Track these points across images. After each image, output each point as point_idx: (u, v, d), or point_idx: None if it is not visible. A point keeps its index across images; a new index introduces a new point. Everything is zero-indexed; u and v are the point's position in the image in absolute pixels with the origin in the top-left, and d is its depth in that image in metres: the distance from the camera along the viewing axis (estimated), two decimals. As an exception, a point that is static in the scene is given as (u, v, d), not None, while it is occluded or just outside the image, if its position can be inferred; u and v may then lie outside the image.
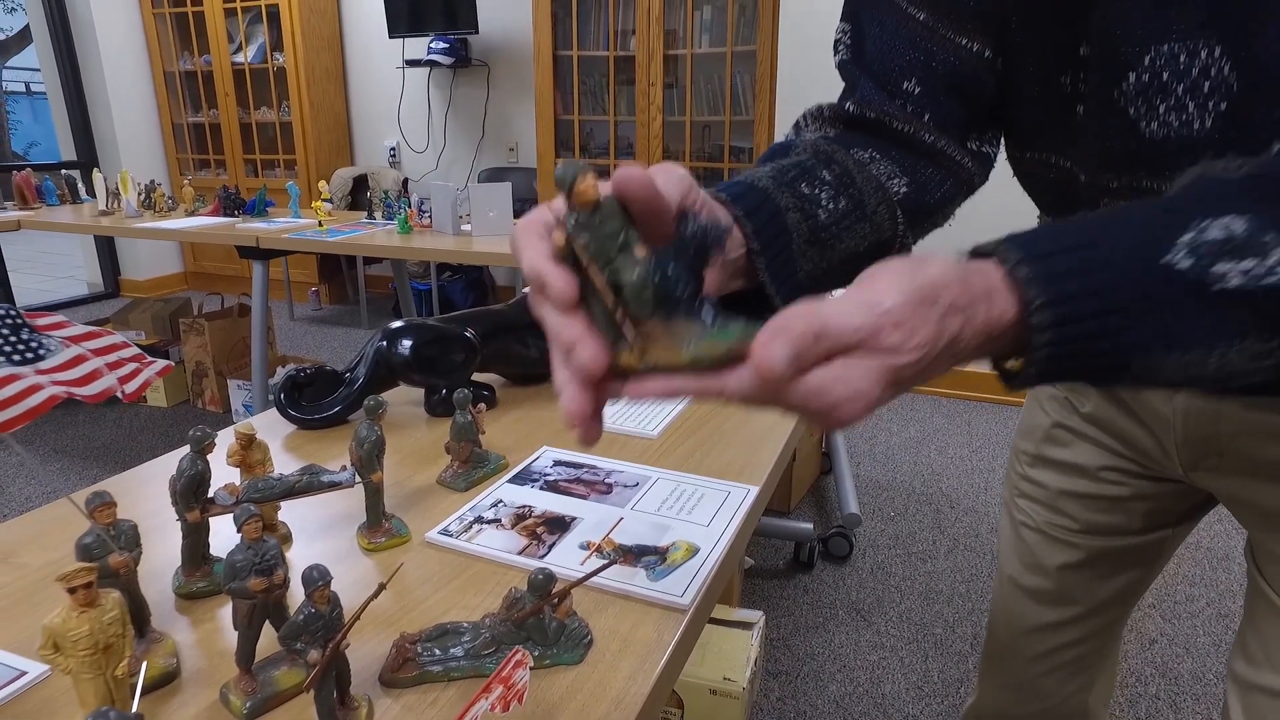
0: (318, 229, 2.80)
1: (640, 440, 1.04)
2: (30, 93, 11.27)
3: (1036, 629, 0.94)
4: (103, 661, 0.50)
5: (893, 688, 1.86)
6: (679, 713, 1.63)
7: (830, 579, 2.27)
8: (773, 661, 1.94)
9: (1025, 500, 0.93)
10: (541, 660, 0.61)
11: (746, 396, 0.36)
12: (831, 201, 0.58)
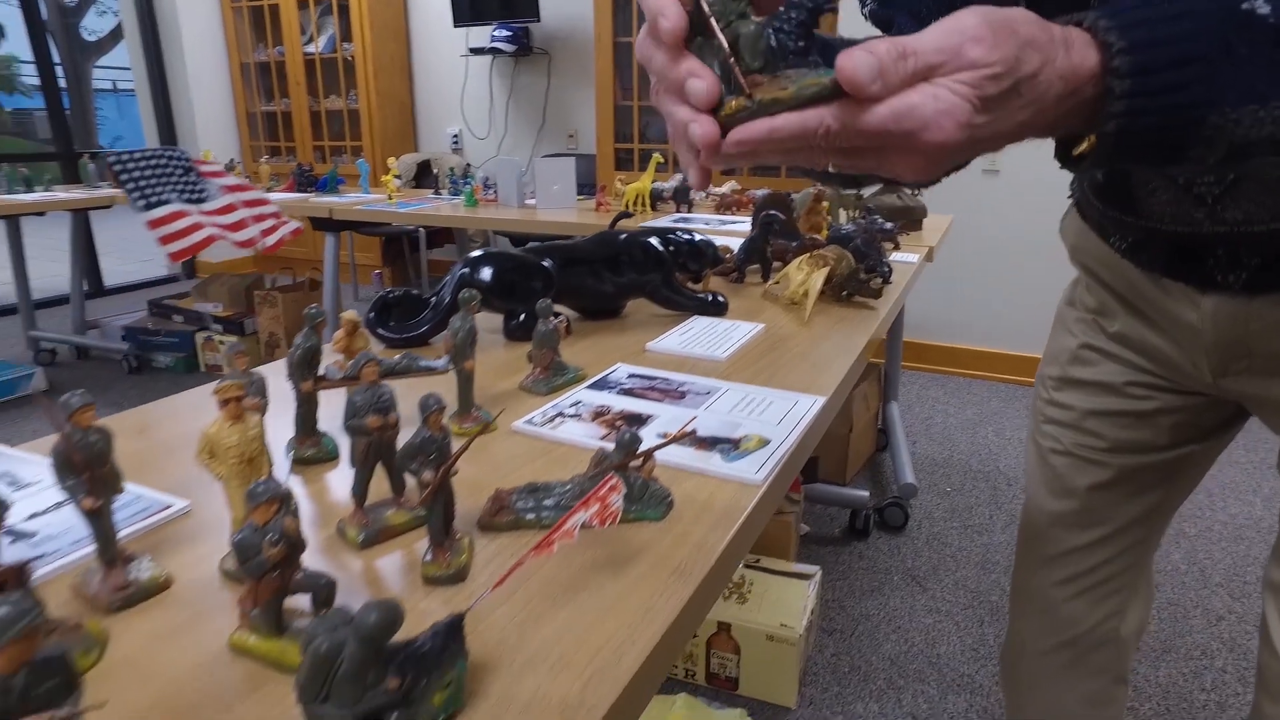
0: (387, 202, 2.91)
1: (709, 362, 1.08)
2: (116, 90, 11.83)
3: (1064, 553, 0.95)
4: (248, 473, 0.56)
5: (947, 649, 1.87)
6: (735, 659, 1.67)
7: (885, 547, 2.28)
8: (827, 620, 1.96)
9: (1052, 425, 0.95)
10: (626, 513, 0.66)
11: (843, 124, 0.38)
12: None
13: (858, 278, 1.41)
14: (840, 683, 1.76)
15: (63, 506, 0.68)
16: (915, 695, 1.73)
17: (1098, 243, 0.83)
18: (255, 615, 0.51)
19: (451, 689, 0.45)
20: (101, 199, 3.45)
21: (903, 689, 1.75)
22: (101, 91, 12.05)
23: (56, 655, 0.35)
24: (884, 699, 1.72)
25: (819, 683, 1.75)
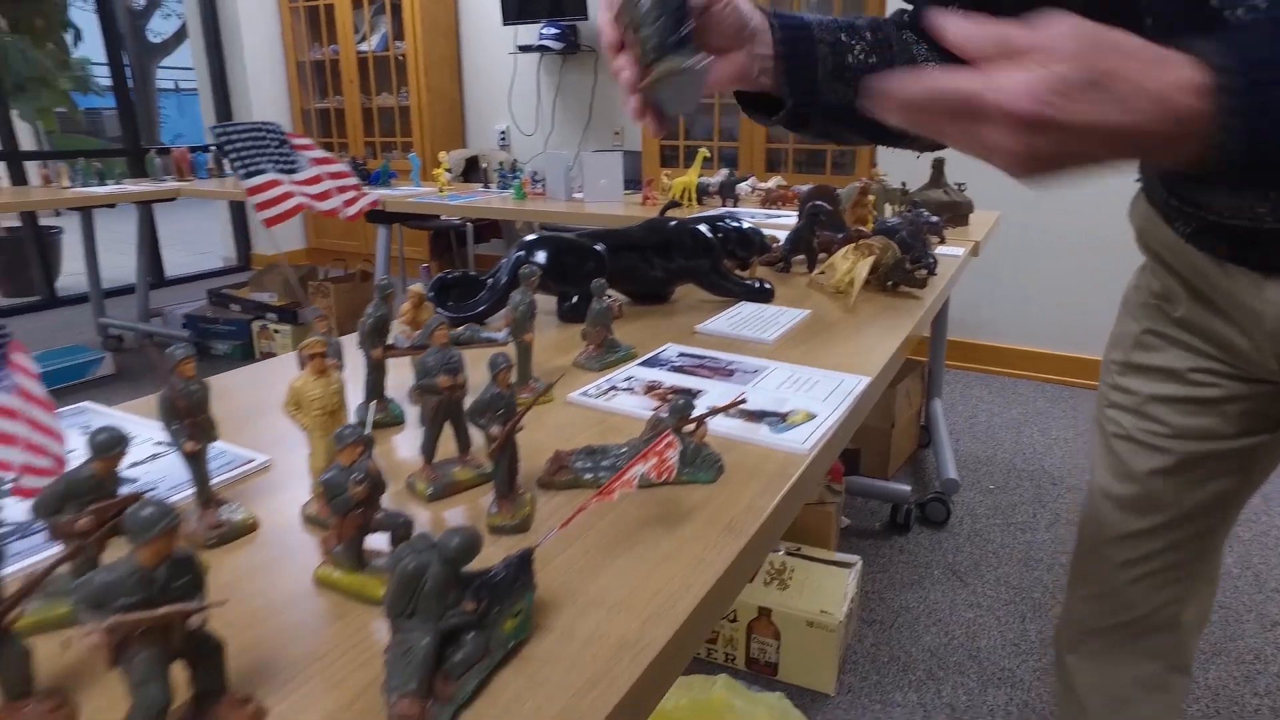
0: (438, 195, 2.98)
1: (757, 344, 1.11)
2: (178, 90, 12.23)
3: (1124, 536, 0.95)
4: (329, 424, 0.61)
5: (988, 643, 1.87)
6: (775, 644, 1.69)
7: (926, 542, 2.28)
8: (867, 610, 1.97)
9: (1115, 410, 0.95)
10: (679, 475, 0.69)
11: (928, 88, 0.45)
12: (864, 54, 0.75)
13: (903, 268, 1.43)
14: (879, 672, 1.77)
15: (158, 458, 0.74)
16: (955, 687, 1.73)
17: (1164, 228, 0.83)
18: (338, 551, 0.55)
19: (521, 617, 0.49)
20: (167, 191, 3.59)
21: (942, 680, 1.75)
22: (164, 91, 12.50)
23: (187, 557, 0.39)
24: (923, 689, 1.73)
25: (858, 671, 1.77)
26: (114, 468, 0.51)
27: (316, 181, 0.71)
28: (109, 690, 0.47)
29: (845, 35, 0.76)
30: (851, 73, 0.75)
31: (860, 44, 0.76)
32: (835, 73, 0.75)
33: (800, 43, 0.74)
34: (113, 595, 0.37)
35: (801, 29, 0.74)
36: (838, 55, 0.75)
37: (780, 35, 0.73)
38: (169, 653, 0.40)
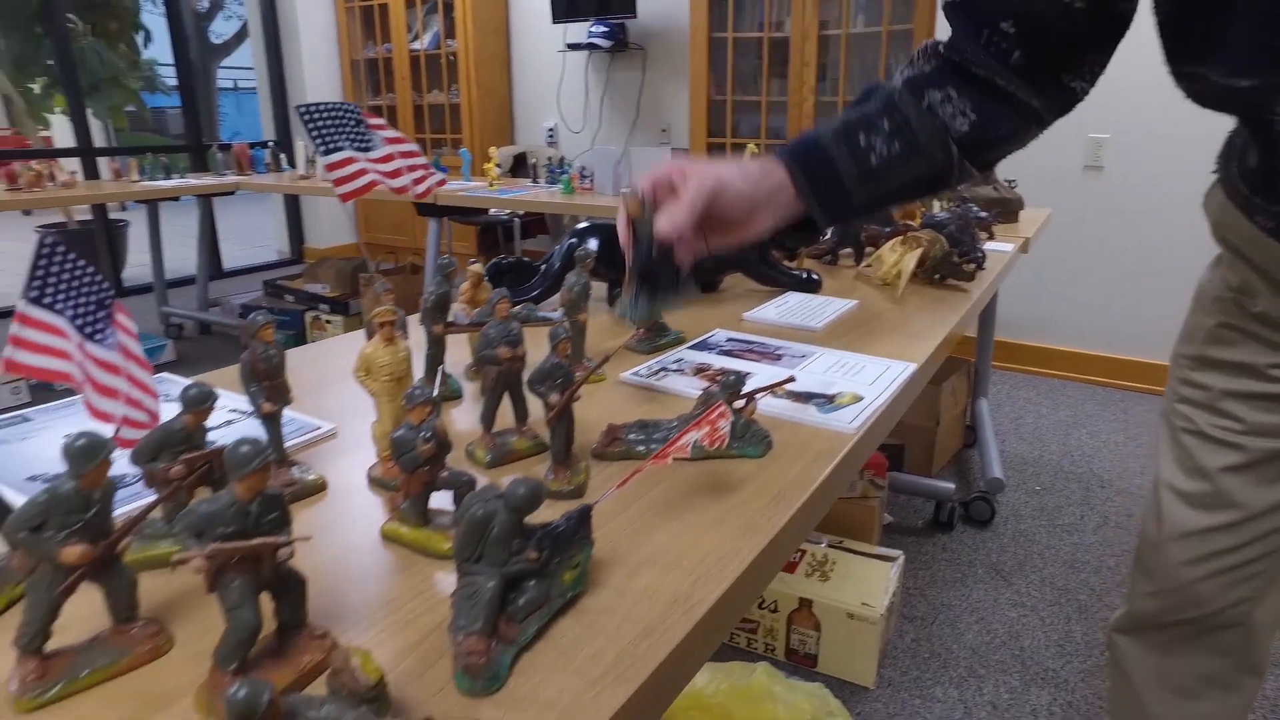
0: (488, 189, 3.03)
1: (804, 331, 1.12)
2: (237, 89, 12.58)
3: (1193, 533, 0.93)
4: (396, 390, 0.64)
5: (1031, 642, 1.85)
6: (815, 635, 1.70)
7: (970, 540, 2.26)
8: (908, 606, 1.96)
9: (1185, 405, 0.93)
10: (728, 449, 0.71)
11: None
12: (886, 147, 0.77)
13: (951, 260, 1.43)
14: (920, 667, 1.77)
15: (232, 424, 0.78)
16: (997, 685, 1.72)
17: (1243, 221, 0.81)
18: (405, 508, 0.58)
19: (579, 570, 0.51)
20: (227, 185, 3.71)
21: (984, 678, 1.74)
22: (224, 90, 12.88)
23: (277, 495, 0.43)
24: (964, 686, 1.72)
25: (898, 665, 1.77)
26: (203, 421, 0.55)
27: (389, 160, 0.75)
28: (198, 624, 0.51)
29: (863, 136, 0.77)
30: (880, 171, 0.78)
31: (879, 138, 0.77)
32: (862, 179, 0.77)
33: (819, 167, 0.77)
34: (212, 525, 0.41)
35: (815, 152, 0.77)
36: (860, 161, 0.77)
37: (798, 170, 0.77)
38: (259, 583, 0.43)
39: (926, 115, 0.77)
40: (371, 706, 0.38)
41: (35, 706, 0.43)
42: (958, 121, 0.77)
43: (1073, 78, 0.77)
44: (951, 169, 0.79)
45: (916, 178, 0.79)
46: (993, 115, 0.77)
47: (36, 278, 0.51)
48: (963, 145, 0.78)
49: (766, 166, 0.77)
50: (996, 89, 0.76)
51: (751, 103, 4.41)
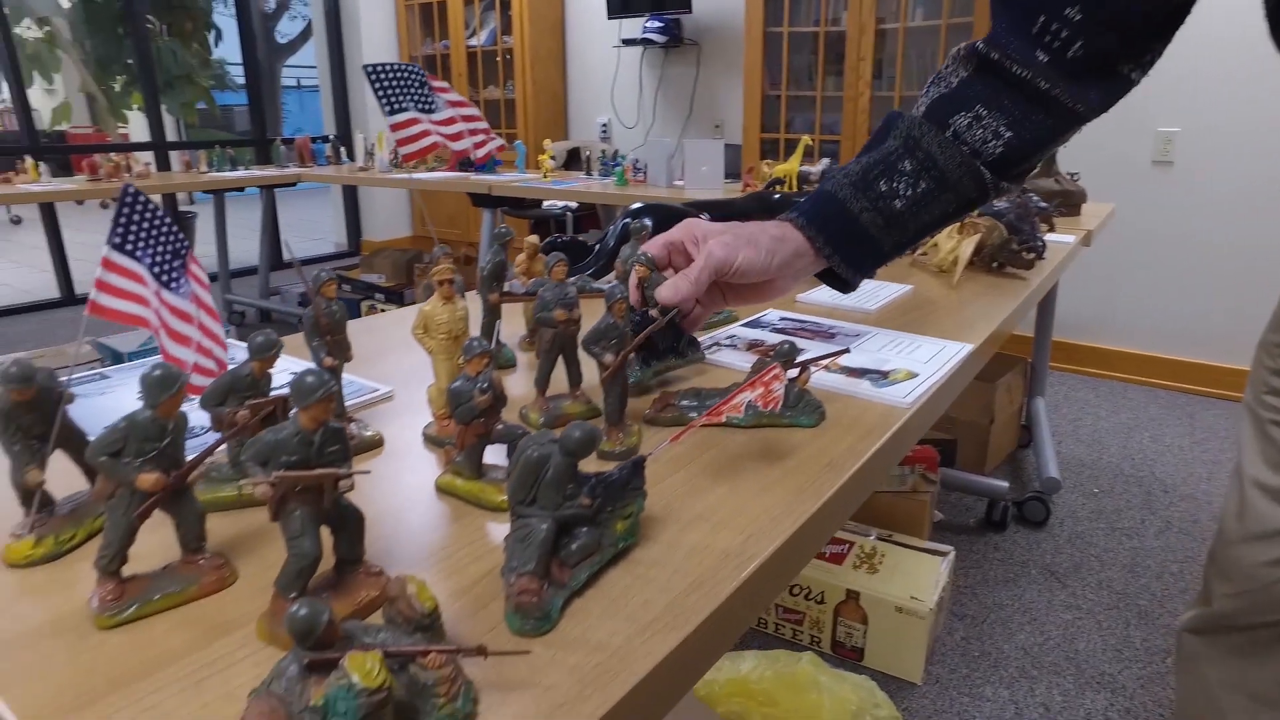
0: (542, 180, 3.06)
1: (858, 312, 1.11)
2: (300, 87, 12.92)
3: (1277, 532, 0.89)
4: (453, 348, 0.65)
5: (1087, 646, 1.80)
6: (862, 628, 1.68)
7: (1023, 541, 2.21)
8: (958, 604, 1.93)
9: (1275, 396, 0.89)
10: (781, 418, 0.71)
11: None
12: (910, 188, 0.73)
13: (1009, 248, 1.40)
14: (969, 665, 1.73)
15: (294, 383, 0.80)
16: (1049, 687, 1.68)
17: None
18: (459, 460, 0.59)
19: (631, 521, 0.51)
20: (289, 176, 3.82)
21: (1036, 679, 1.70)
22: (287, 88, 13.25)
23: (339, 428, 0.44)
24: (1015, 687, 1.68)
25: (946, 663, 1.73)
26: (268, 368, 0.56)
27: (451, 123, 0.76)
28: (260, 560, 0.52)
29: (884, 183, 0.73)
30: (906, 214, 0.74)
31: (902, 181, 0.73)
32: (888, 225, 0.74)
33: (840, 225, 0.74)
34: (277, 452, 0.42)
35: (832, 209, 0.74)
36: (883, 210, 0.73)
37: (816, 234, 0.74)
38: (319, 515, 0.44)
39: (952, 146, 0.72)
40: (425, 635, 0.39)
41: (113, 624, 0.45)
42: (989, 145, 0.72)
43: (1133, 67, 0.71)
44: (985, 194, 0.75)
45: (947, 211, 0.75)
46: (1030, 126, 0.72)
47: (119, 225, 0.53)
48: (996, 166, 0.73)
49: (782, 232, 0.73)
50: (1037, 93, 0.70)
51: (806, 98, 4.37)
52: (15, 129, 4.84)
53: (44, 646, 0.44)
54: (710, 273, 0.71)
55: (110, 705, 0.40)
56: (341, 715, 0.34)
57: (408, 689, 0.37)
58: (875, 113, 4.12)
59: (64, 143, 7.05)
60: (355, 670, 0.34)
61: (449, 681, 0.37)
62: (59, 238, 4.80)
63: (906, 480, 1.99)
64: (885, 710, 1.44)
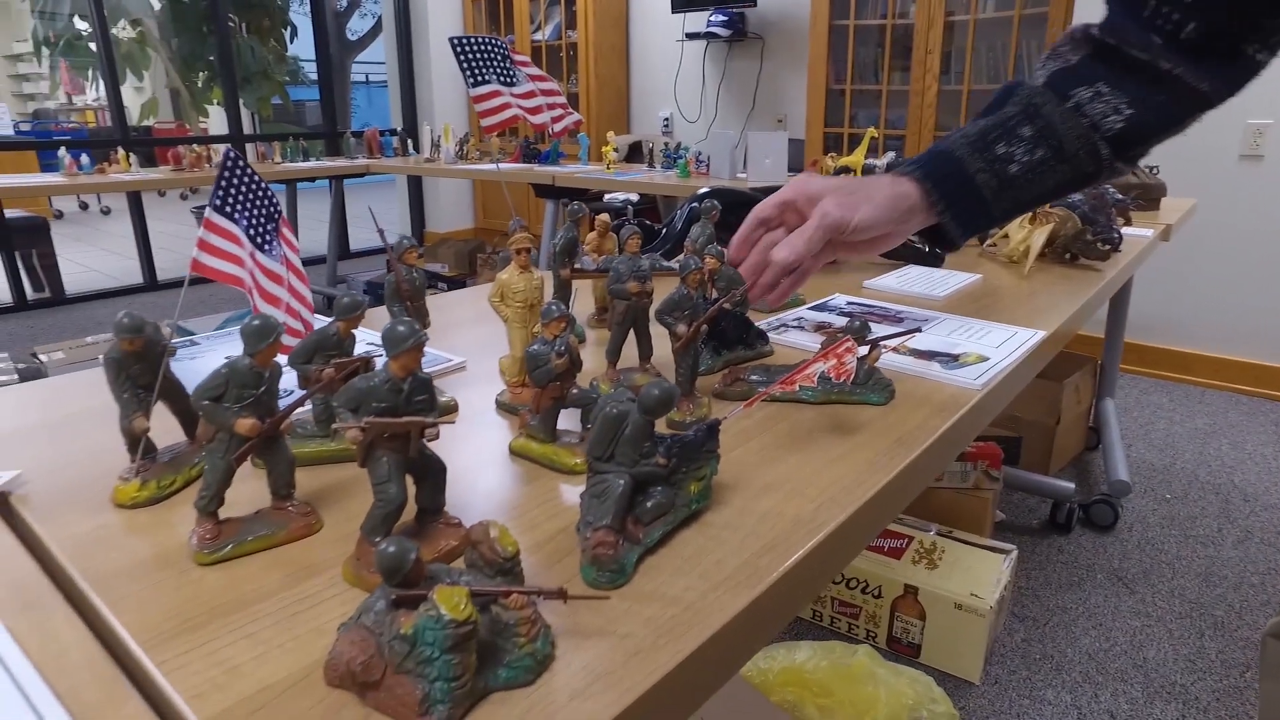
0: (605, 172, 3.08)
1: (926, 299, 1.09)
2: (368, 82, 13.25)
3: None
4: (528, 317, 0.67)
5: (1158, 654, 1.75)
6: (920, 624, 1.65)
7: (1089, 545, 2.15)
8: (1019, 606, 1.88)
9: None
10: (850, 394, 0.71)
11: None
12: (1027, 154, 0.71)
13: (1084, 239, 1.36)
14: (1029, 668, 1.69)
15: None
16: (1115, 694, 1.63)
17: None
18: (534, 424, 0.60)
19: (704, 483, 0.52)
20: (358, 167, 3.92)
21: (1101, 685, 1.66)
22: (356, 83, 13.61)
23: (427, 379, 0.45)
24: (1078, 692, 1.64)
25: (1006, 664, 1.70)
26: (353, 328, 0.59)
27: (531, 96, 0.78)
28: (344, 512, 0.54)
29: (1001, 145, 0.72)
30: (1020, 180, 0.72)
31: (1020, 146, 0.71)
32: (1000, 189, 0.72)
33: (955, 183, 0.72)
34: (368, 399, 0.44)
35: (950, 166, 0.72)
36: (998, 172, 0.72)
37: (933, 188, 0.72)
38: (405, 462, 0.46)
39: (1072, 116, 0.71)
40: (506, 579, 0.40)
41: (210, 561, 0.48)
42: (1110, 120, 0.70)
43: (1258, 48, 0.68)
44: (1100, 171, 0.73)
45: (1060, 183, 0.73)
46: (1152, 107, 0.70)
47: (220, 188, 0.56)
48: (1115, 144, 0.71)
49: (898, 188, 0.72)
50: (1159, 75, 0.68)
51: (871, 92, 4.31)
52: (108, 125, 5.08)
53: (150, 578, 0.47)
54: (825, 232, 0.70)
55: (211, 632, 0.42)
56: (429, 645, 0.35)
57: (489, 629, 0.38)
58: (942, 108, 4.04)
59: (150, 137, 7.36)
60: (444, 603, 0.36)
61: (530, 623, 0.39)
62: (144, 226, 5.01)
63: (969, 477, 1.95)
64: (943, 706, 1.41)
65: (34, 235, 4.49)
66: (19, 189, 3.21)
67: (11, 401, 0.75)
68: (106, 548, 0.50)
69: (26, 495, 0.56)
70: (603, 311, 0.93)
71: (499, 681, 0.38)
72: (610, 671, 0.39)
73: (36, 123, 9.79)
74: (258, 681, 0.38)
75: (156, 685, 0.38)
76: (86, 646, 0.41)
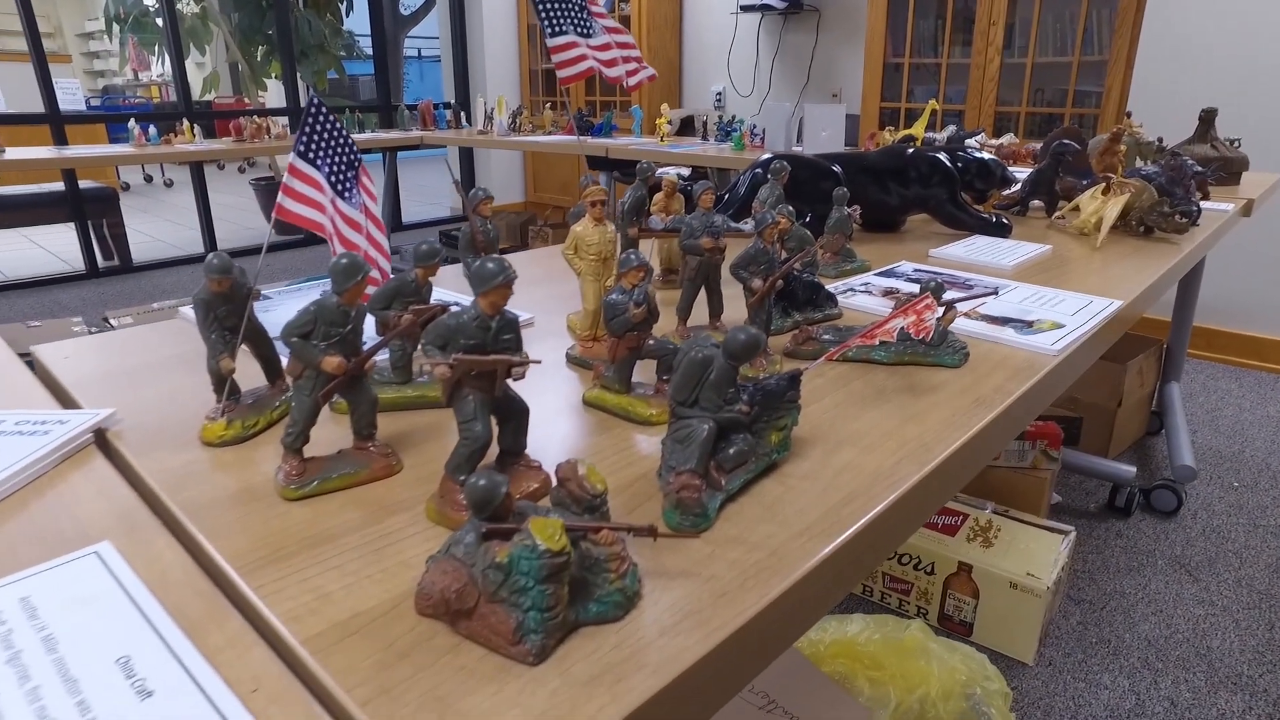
0: (659, 144, 3.06)
1: (994, 268, 1.07)
2: (420, 57, 13.33)
3: None
4: (601, 270, 0.66)
5: (1222, 644, 1.70)
6: (973, 603, 1.63)
7: (1149, 530, 2.09)
8: (1076, 589, 1.84)
9: None
10: (924, 356, 0.69)
11: None
12: None
13: (1160, 210, 1.31)
14: (1085, 651, 1.66)
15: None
16: (1176, 682, 1.59)
17: None
18: (609, 375, 0.60)
19: (785, 433, 0.51)
20: (412, 138, 3.95)
21: (1161, 673, 1.62)
22: (408, 58, 13.74)
23: (514, 318, 0.45)
24: (1136, 677, 1.60)
25: (1061, 646, 1.67)
26: (431, 276, 0.59)
27: (607, 49, 0.77)
28: (422, 455, 0.55)
29: None
30: None
31: None
32: None
33: None
34: (456, 336, 0.44)
35: None
36: None
37: None
38: (491, 401, 0.46)
39: None
40: (593, 516, 0.40)
41: (296, 496, 0.49)
42: None
43: None
44: None
45: None
46: None
47: (304, 134, 0.57)
48: None
49: None
50: None
51: (929, 66, 4.20)
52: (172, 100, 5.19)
53: (239, 510, 0.48)
54: None
55: (302, 561, 0.43)
56: (524, 574, 0.36)
57: (579, 564, 0.38)
58: (1005, 82, 3.92)
59: (210, 110, 7.53)
60: (539, 534, 0.36)
61: (619, 559, 0.39)
62: (206, 198, 5.12)
63: (1027, 456, 1.91)
64: (996, 684, 1.40)
65: (104, 205, 4.63)
66: (94, 158, 3.31)
67: (98, 348, 0.77)
68: (197, 481, 0.51)
69: (121, 432, 0.58)
70: (669, 272, 0.93)
71: (589, 615, 0.38)
72: (698, 611, 0.39)
73: (106, 98, 10.07)
74: (349, 609, 0.39)
75: (254, 607, 0.39)
76: (187, 568, 0.42)
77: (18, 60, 5.01)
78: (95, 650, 0.36)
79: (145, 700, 0.33)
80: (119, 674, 0.34)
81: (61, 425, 0.56)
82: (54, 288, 4.57)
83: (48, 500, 0.49)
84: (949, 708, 1.32)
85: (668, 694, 0.35)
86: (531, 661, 0.35)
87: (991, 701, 1.34)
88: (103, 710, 0.32)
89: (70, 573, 0.41)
